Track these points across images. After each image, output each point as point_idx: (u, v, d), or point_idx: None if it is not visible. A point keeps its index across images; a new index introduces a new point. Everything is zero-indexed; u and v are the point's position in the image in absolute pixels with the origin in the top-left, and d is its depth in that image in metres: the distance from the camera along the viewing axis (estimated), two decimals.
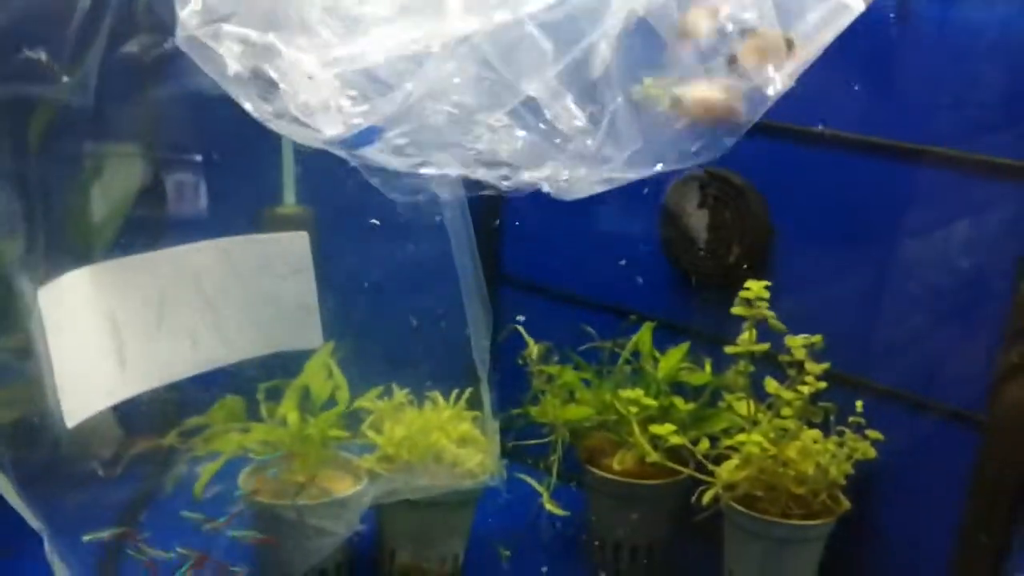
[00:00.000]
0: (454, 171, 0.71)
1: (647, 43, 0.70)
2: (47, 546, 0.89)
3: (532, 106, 0.70)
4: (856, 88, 1.14)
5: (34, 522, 0.87)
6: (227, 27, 0.69)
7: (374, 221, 1.13)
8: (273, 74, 0.67)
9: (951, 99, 1.08)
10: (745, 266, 1.22)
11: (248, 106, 0.69)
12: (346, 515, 1.05)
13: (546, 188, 0.76)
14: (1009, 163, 1.03)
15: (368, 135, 0.67)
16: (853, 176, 1.14)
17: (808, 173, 1.18)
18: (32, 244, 0.87)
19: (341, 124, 0.66)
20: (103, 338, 0.88)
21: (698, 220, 1.26)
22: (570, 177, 0.74)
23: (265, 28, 0.70)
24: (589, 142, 0.70)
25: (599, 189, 0.76)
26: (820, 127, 1.14)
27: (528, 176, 0.74)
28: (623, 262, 1.39)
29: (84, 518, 1.04)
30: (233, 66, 0.70)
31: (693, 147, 0.74)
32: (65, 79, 0.84)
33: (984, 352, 1.07)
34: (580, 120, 0.69)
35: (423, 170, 0.70)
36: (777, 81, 0.69)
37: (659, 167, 0.74)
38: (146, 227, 1.21)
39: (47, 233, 0.89)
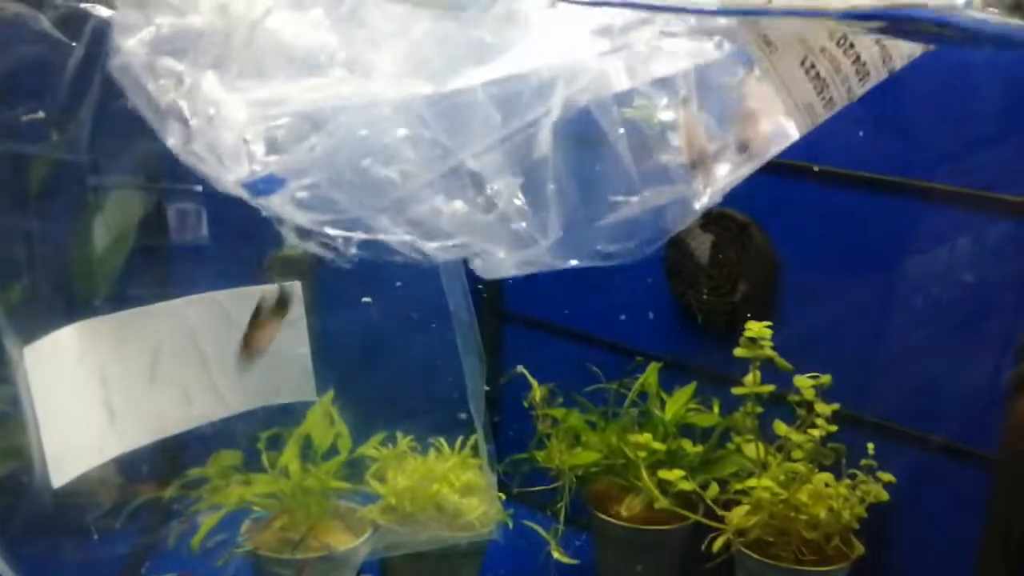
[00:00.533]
0: (362, 235, 0.68)
1: (589, 132, 0.68)
2: None
3: (462, 177, 0.67)
4: (858, 124, 1.13)
5: None
6: (163, 60, 0.67)
7: (366, 299, 1.12)
8: (185, 109, 0.65)
9: (953, 136, 1.07)
10: (751, 304, 1.20)
11: (169, 141, 0.67)
12: (342, 571, 1.03)
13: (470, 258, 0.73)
14: (1014, 200, 1.01)
15: (269, 184, 0.65)
16: (858, 212, 1.13)
17: (812, 209, 1.16)
18: (18, 301, 0.86)
19: (245, 169, 0.64)
20: (92, 396, 0.86)
21: (703, 259, 1.25)
22: (490, 256, 0.71)
23: (213, 68, 0.67)
24: (524, 225, 0.68)
25: (517, 272, 0.74)
26: (816, 167, 1.13)
27: (448, 244, 0.71)
28: (628, 300, 1.37)
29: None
30: (158, 100, 0.67)
31: (610, 248, 0.71)
32: (56, 136, 0.84)
33: (996, 389, 1.05)
34: (519, 200, 0.67)
35: (328, 229, 0.67)
36: (705, 196, 0.66)
37: (573, 262, 0.72)
38: (145, 275, 1.21)
39: (36, 289, 0.88)
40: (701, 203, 0.62)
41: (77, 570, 1.15)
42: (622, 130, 0.61)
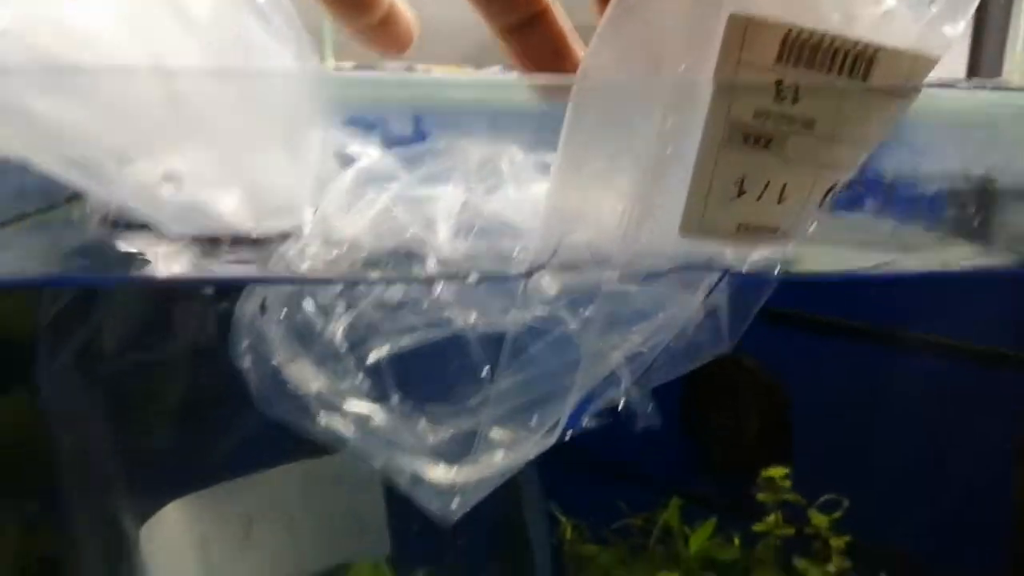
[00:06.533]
0: None
1: None
2: None
3: None
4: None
5: None
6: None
7: None
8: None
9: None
10: (765, 441, 1.30)
11: None
12: None
13: None
14: (1010, 353, 1.13)
15: None
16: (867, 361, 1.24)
17: (823, 358, 1.27)
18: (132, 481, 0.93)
19: None
20: (195, 564, 0.94)
21: (714, 403, 1.35)
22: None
23: None
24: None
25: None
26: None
27: None
28: (644, 434, 1.46)
29: None
30: None
31: None
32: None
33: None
34: None
35: None
36: None
37: None
38: None
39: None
40: None
41: None
42: None
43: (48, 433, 0.93)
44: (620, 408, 0.72)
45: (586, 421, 0.70)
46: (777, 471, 1.19)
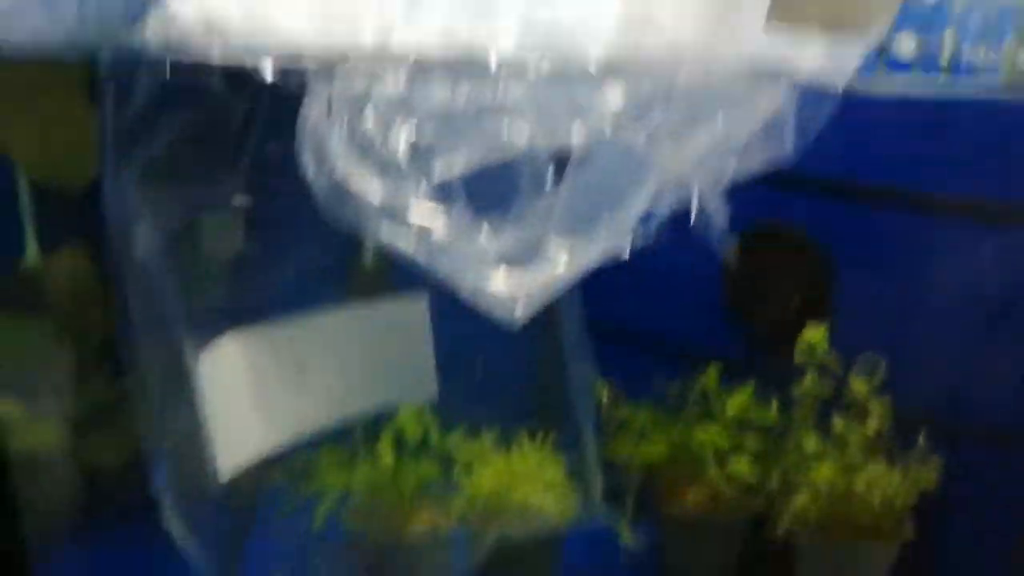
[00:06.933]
0: None
1: None
2: None
3: None
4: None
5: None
6: None
7: None
8: None
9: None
10: (805, 312, 1.30)
11: None
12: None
13: None
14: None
15: None
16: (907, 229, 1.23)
17: (866, 228, 1.27)
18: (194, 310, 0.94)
19: None
20: (251, 398, 0.96)
21: (756, 271, 1.35)
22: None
23: None
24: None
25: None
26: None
27: None
28: (683, 304, 1.47)
29: None
30: None
31: None
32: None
33: None
34: None
35: None
36: None
37: None
38: None
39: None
40: None
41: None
42: None
43: (109, 264, 0.94)
44: (690, 215, 0.71)
45: (654, 228, 0.70)
46: (815, 334, 1.20)
